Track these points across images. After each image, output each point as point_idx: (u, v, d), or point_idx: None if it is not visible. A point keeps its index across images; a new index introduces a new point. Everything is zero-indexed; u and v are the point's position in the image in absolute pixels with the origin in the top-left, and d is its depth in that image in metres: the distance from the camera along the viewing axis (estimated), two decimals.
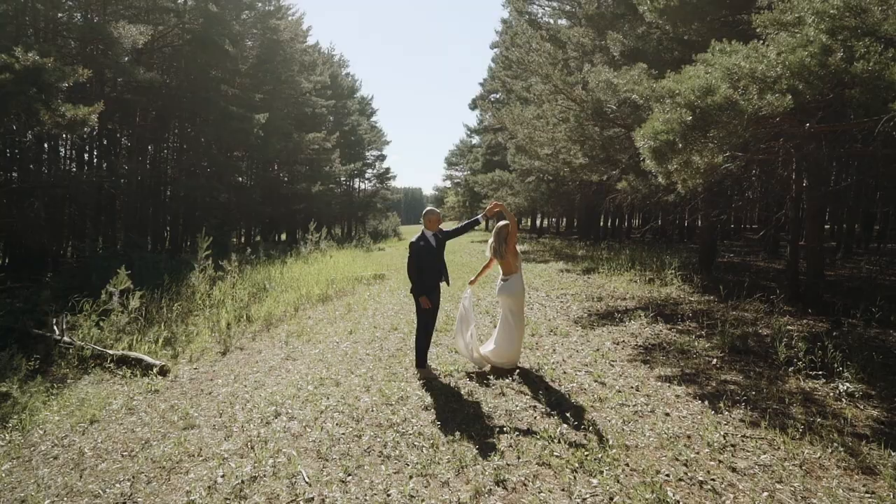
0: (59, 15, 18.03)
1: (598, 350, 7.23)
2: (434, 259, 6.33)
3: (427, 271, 6.29)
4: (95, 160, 22.11)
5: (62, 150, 21.05)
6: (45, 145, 18.17)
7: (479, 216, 6.89)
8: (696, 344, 7.27)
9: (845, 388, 5.41)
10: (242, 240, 32.52)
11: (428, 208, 6.64)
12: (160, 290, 10.53)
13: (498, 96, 40.26)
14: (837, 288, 11.47)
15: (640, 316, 9.02)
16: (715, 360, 6.60)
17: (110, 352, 7.46)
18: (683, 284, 12.07)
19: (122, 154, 21.92)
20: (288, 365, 7.21)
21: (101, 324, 8.44)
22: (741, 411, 4.98)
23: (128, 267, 9.38)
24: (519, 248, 6.89)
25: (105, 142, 21.71)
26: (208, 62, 22.53)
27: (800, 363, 6.00)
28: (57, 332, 8.06)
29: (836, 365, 5.87)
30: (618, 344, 7.59)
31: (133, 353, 7.45)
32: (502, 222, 6.52)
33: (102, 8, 18.13)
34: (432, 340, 6.70)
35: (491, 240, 6.57)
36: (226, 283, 11.39)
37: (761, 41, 5.38)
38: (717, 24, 10.66)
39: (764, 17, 5.45)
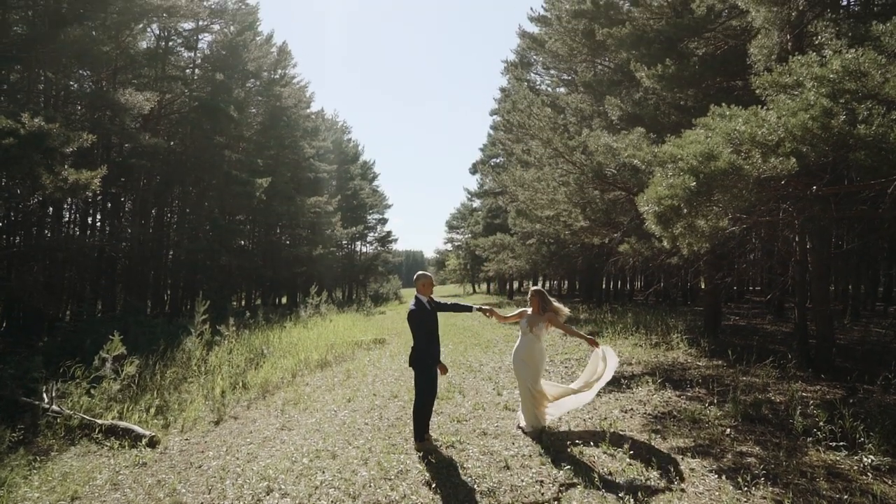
0: (71, 84, 18.58)
1: (606, 419, 6.94)
2: (434, 325, 6.10)
3: (434, 339, 6.05)
4: (98, 223, 22.26)
5: (66, 213, 21.23)
6: (50, 209, 18.31)
7: (473, 307, 6.67)
8: (707, 412, 6.99)
9: (870, 460, 5.12)
10: (243, 303, 32.30)
11: (420, 272, 6.34)
12: (155, 356, 10.29)
13: (498, 161, 40.93)
14: (849, 352, 11.20)
15: (647, 382, 8.75)
16: (729, 429, 6.31)
17: (99, 421, 7.18)
18: (690, 348, 11.80)
19: (126, 217, 22.08)
20: (283, 435, 6.92)
21: (92, 391, 8.18)
22: (763, 487, 4.69)
23: (124, 331, 9.21)
24: (520, 309, 6.77)
25: (109, 205, 21.92)
26: (213, 128, 23.05)
27: (819, 433, 5.72)
28: (45, 401, 7.79)
29: (857, 435, 5.59)
30: (626, 412, 7.30)
31: (122, 423, 7.16)
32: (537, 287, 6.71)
33: (112, 76, 18.66)
34: (434, 409, 6.44)
35: (538, 299, 6.51)
36: (223, 349, 11.15)
37: (761, 105, 5.41)
38: (713, 90, 10.90)
39: (763, 79, 5.50)
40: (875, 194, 7.91)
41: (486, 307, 6.78)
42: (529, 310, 6.53)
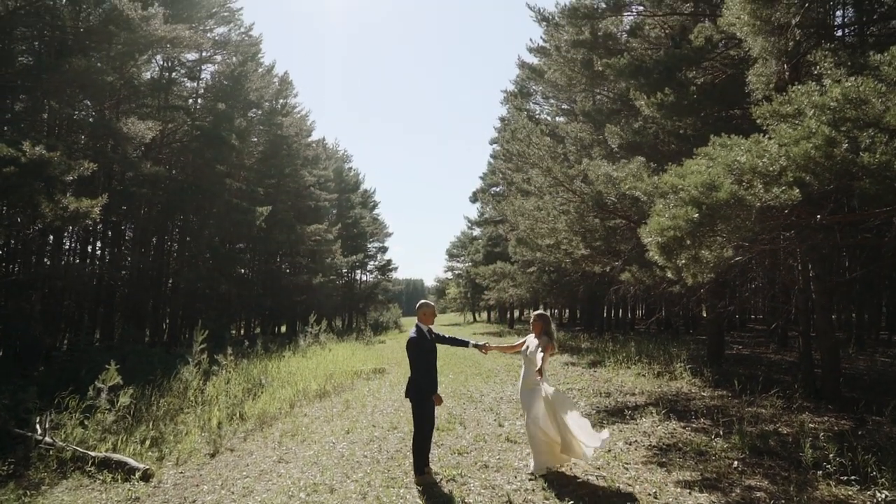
0: (75, 114, 18.74)
1: (610, 451, 6.79)
2: (434, 355, 6.00)
3: (432, 369, 5.94)
4: (99, 251, 22.23)
5: (66, 241, 21.21)
6: (51, 237, 18.30)
7: (470, 342, 6.54)
8: (713, 444, 6.84)
9: (884, 496, 4.98)
10: (242, 332, 32.10)
11: (423, 301, 6.28)
12: (151, 386, 10.14)
13: (498, 189, 41.07)
14: (856, 382, 11.05)
15: (651, 412, 8.60)
16: (736, 462, 6.16)
17: (92, 454, 7.02)
18: (694, 378, 11.65)
19: (126, 246, 22.07)
20: (280, 468, 6.76)
21: (87, 422, 8.03)
22: None
23: (121, 360, 9.08)
24: (522, 339, 6.58)
25: (110, 234, 21.92)
26: (215, 157, 23.18)
27: (829, 466, 5.58)
28: (38, 432, 7.64)
29: (868, 469, 5.45)
30: (630, 444, 7.15)
31: (116, 456, 7.00)
32: (542, 312, 6.40)
33: (116, 106, 18.84)
34: (433, 441, 6.30)
35: (542, 324, 6.21)
36: (220, 378, 11.01)
37: (762, 134, 5.41)
38: (711, 118, 10.96)
39: (763, 109, 5.51)
40: (880, 222, 7.88)
41: (482, 343, 6.62)
42: (531, 337, 6.35)
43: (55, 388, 9.62)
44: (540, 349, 5.98)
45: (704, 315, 17.44)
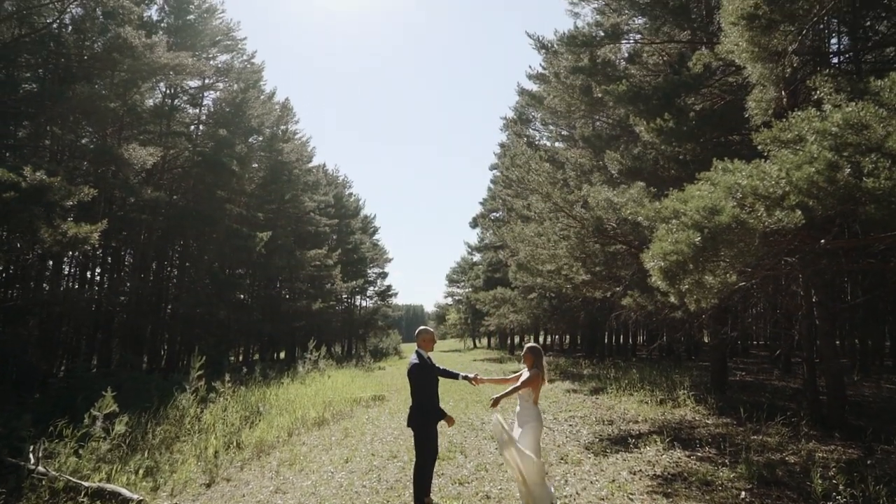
0: (78, 140, 18.87)
1: (614, 481, 6.65)
2: (435, 382, 5.85)
3: (434, 396, 5.77)
4: (98, 277, 22.17)
5: (66, 267, 21.18)
6: (50, 262, 18.27)
7: (461, 374, 6.21)
8: (719, 474, 6.70)
9: None
10: (240, 358, 31.84)
11: (422, 327, 6.07)
12: (147, 414, 10.00)
13: (498, 215, 41.16)
14: (862, 409, 10.90)
15: (655, 441, 8.46)
16: (743, 492, 6.02)
17: (85, 484, 6.88)
18: (697, 406, 11.50)
19: (125, 271, 22.03)
20: (277, 499, 6.61)
21: (81, 451, 7.88)
22: None
23: (117, 387, 8.97)
24: (523, 365, 6.37)
25: (109, 259, 21.89)
26: (216, 182, 23.28)
27: (839, 497, 5.45)
28: (31, 461, 7.49)
29: (881, 500, 5.32)
30: (634, 474, 7.01)
31: (109, 486, 6.86)
32: (534, 344, 6.10)
33: (118, 132, 18.98)
34: (434, 470, 6.16)
35: (533, 357, 5.90)
36: (217, 406, 10.86)
37: (763, 159, 5.40)
38: (711, 144, 11.01)
39: (764, 135, 5.51)
40: (885, 247, 7.84)
41: (472, 375, 6.30)
42: (524, 370, 6.01)
43: (50, 416, 9.47)
44: (525, 380, 5.72)
45: (707, 341, 17.31)
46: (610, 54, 14.74)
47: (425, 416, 5.66)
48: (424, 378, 5.70)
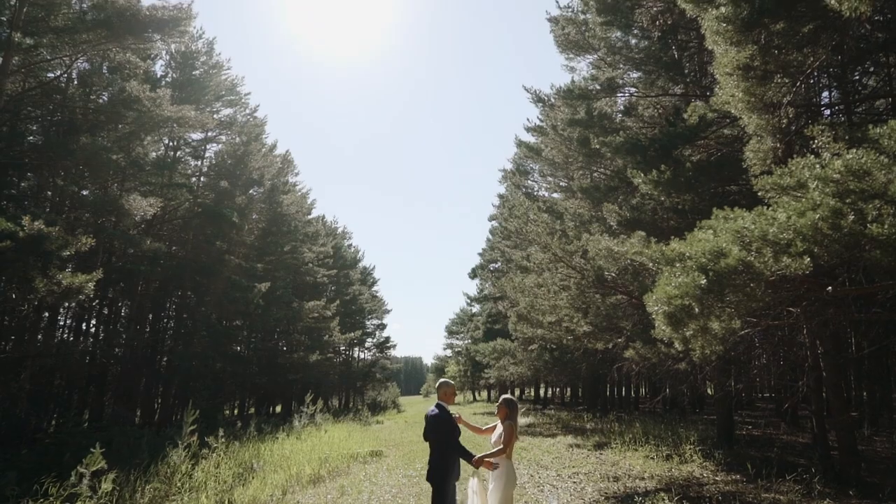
0: (80, 192, 19.01)
1: None
2: (458, 434, 5.51)
3: (457, 450, 5.40)
4: (93, 329, 21.93)
5: (61, 319, 20.96)
6: (46, 314, 18.09)
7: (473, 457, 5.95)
8: None
9: None
10: (235, 411, 31.22)
11: (443, 380, 5.87)
12: (137, 471, 9.66)
13: (497, 266, 41.18)
14: (876, 465, 10.57)
15: (663, 499, 8.14)
16: None
17: None
18: (705, 461, 11.16)
19: (121, 323, 21.82)
20: None
21: None
22: None
23: (107, 443, 8.69)
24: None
25: (105, 311, 21.71)
26: (215, 233, 23.35)
27: None
28: None
29: None
30: None
31: None
32: (510, 397, 5.86)
33: (120, 183, 19.15)
34: None
35: (507, 409, 5.65)
36: (210, 462, 10.52)
37: (766, 206, 5.39)
38: (708, 194, 11.09)
39: (765, 181, 5.53)
40: (892, 295, 7.76)
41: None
42: (498, 424, 5.78)
43: (37, 473, 9.15)
44: (507, 438, 5.46)
45: (711, 393, 16.99)
46: (606, 107, 15.05)
47: (448, 470, 5.32)
48: (449, 430, 5.41)
